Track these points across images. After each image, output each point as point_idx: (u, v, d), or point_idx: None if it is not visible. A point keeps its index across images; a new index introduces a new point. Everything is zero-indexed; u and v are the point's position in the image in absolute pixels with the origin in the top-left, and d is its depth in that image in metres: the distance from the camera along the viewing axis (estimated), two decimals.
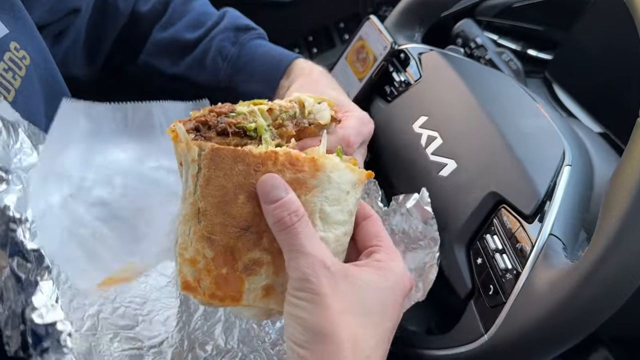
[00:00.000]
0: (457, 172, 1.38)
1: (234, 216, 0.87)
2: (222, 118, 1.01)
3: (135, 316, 1.28)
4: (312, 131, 1.14)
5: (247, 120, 1.04)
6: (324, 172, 0.87)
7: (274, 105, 1.09)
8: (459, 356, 1.23)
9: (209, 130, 1.00)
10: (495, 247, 1.24)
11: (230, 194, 0.86)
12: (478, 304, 1.25)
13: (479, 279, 1.26)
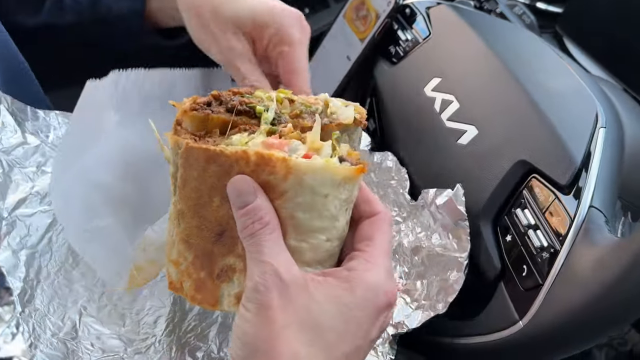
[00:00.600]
0: (478, 140, 1.23)
1: (209, 220, 0.83)
2: (236, 97, 0.98)
3: (123, 316, 1.14)
4: (331, 129, 1.01)
5: (261, 104, 0.98)
6: (296, 175, 0.79)
7: (297, 97, 1.01)
8: (491, 345, 1.11)
9: (219, 106, 0.96)
10: (528, 222, 1.10)
11: (205, 197, 0.83)
12: (509, 286, 1.12)
13: (509, 259, 1.13)
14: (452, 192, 1.20)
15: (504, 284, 1.13)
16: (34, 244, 1.13)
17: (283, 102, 0.99)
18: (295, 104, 1.00)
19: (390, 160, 1.38)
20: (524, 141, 1.17)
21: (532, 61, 1.29)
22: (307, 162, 0.81)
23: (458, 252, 1.17)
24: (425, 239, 1.24)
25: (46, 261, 1.13)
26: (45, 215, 1.17)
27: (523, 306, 1.06)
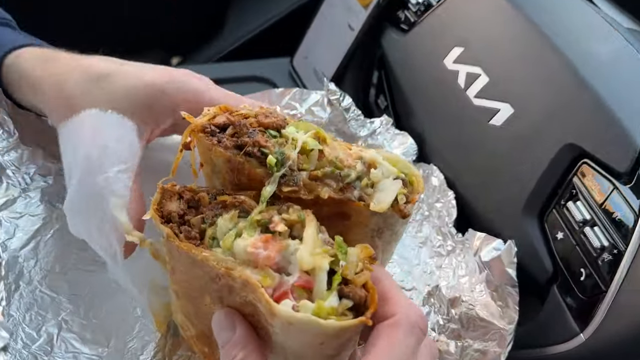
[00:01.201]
0: (515, 120, 1.07)
1: (204, 312, 0.80)
2: (255, 131, 0.81)
3: (108, 336, 1.01)
4: (357, 208, 0.82)
5: (279, 148, 0.80)
6: (281, 321, 0.69)
7: (329, 153, 0.81)
8: (550, 359, 0.98)
9: (232, 137, 0.81)
10: (582, 217, 0.95)
11: (195, 291, 0.80)
12: (565, 292, 0.98)
13: (563, 261, 0.98)
14: (502, 249, 1.03)
15: (557, 290, 0.99)
16: (16, 247, 1.04)
17: (311, 153, 0.81)
18: (324, 161, 0.81)
19: (435, 177, 1.22)
20: (570, 120, 1.01)
21: (572, 24, 1.11)
22: (290, 314, 0.68)
23: (503, 322, 1.01)
24: (468, 290, 1.08)
25: (30, 267, 1.04)
26: (35, 219, 1.08)
27: (583, 316, 0.93)
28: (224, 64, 1.72)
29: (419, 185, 0.84)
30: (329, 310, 0.69)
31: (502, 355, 0.98)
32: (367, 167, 0.83)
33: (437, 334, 1.07)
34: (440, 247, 1.18)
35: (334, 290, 0.71)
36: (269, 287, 0.71)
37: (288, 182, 0.79)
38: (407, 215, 0.82)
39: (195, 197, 0.81)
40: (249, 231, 0.75)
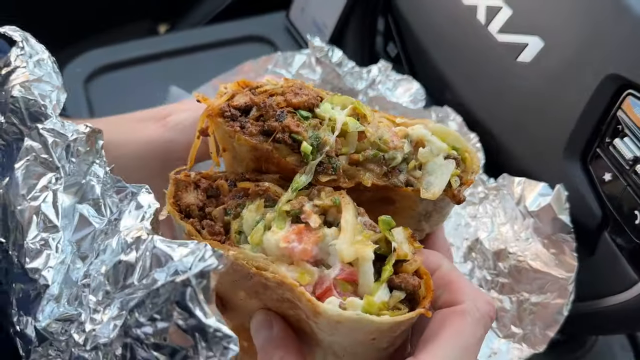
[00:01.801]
0: (546, 54, 0.97)
1: (240, 306, 0.75)
2: (284, 113, 0.70)
3: None
4: (404, 193, 0.72)
5: (313, 131, 0.69)
6: (328, 319, 0.62)
7: (371, 133, 0.71)
8: (607, 310, 0.91)
9: (257, 121, 0.70)
10: (632, 154, 0.86)
11: (228, 286, 0.73)
12: (618, 238, 0.90)
13: (612, 204, 0.90)
14: (551, 195, 0.94)
15: (609, 236, 0.91)
16: None
17: (350, 134, 0.71)
18: (366, 142, 0.71)
19: (452, 121, 1.12)
20: (609, 49, 0.91)
21: None
22: (338, 314, 0.60)
23: (561, 271, 0.94)
24: (513, 239, 1.00)
25: None
26: None
27: None
28: (215, 25, 1.60)
29: (474, 162, 0.73)
30: (380, 305, 0.62)
31: (564, 307, 0.91)
32: (414, 146, 0.72)
33: (486, 290, 1.00)
34: (471, 195, 1.10)
35: (383, 282, 0.63)
36: (309, 284, 0.63)
37: (326, 170, 0.69)
38: (461, 200, 0.72)
39: (214, 185, 0.72)
40: (278, 223, 0.66)
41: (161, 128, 0.86)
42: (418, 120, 0.75)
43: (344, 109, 0.73)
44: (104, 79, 1.39)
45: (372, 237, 0.65)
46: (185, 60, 1.47)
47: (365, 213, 0.68)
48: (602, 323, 0.93)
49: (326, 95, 0.75)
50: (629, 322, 0.92)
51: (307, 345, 0.77)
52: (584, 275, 0.93)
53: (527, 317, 0.95)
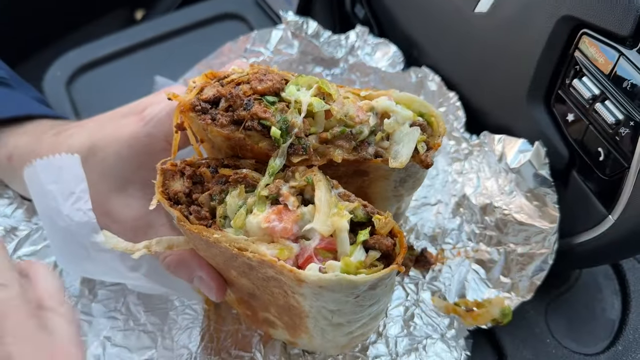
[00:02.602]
0: (500, 2, 0.97)
1: (235, 283, 0.82)
2: (251, 100, 0.73)
3: (154, 338, 1.01)
4: (375, 165, 0.76)
5: (281, 114, 0.73)
6: (311, 285, 0.68)
7: (337, 110, 0.74)
8: (581, 247, 0.94)
9: (226, 112, 0.74)
10: (591, 93, 0.88)
11: (221, 265, 0.80)
12: (586, 175, 0.92)
13: (577, 143, 0.92)
14: (530, 152, 0.96)
15: (577, 174, 0.94)
16: None
17: (317, 114, 0.74)
18: (333, 120, 0.74)
19: (431, 81, 1.14)
20: None
21: None
22: (318, 277, 0.66)
23: (544, 222, 0.97)
24: (497, 193, 1.03)
25: None
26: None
27: (609, 197, 0.88)
28: (187, 8, 1.61)
29: (440, 126, 0.76)
30: (357, 264, 0.67)
31: (549, 256, 0.95)
32: (380, 118, 0.75)
33: (475, 244, 1.04)
34: (456, 152, 1.13)
35: (359, 244, 0.68)
36: (288, 258, 0.68)
37: (297, 151, 0.73)
38: (429, 165, 0.76)
39: (197, 172, 0.77)
40: (259, 206, 0.71)
41: (140, 122, 0.90)
42: (382, 91, 0.78)
43: (310, 89, 0.76)
44: (86, 78, 1.41)
45: (347, 207, 0.70)
46: (163, 47, 1.49)
47: (339, 185, 0.73)
48: (580, 258, 0.96)
49: (291, 77, 0.78)
50: (603, 255, 0.95)
51: (297, 318, 0.83)
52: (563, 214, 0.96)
53: (514, 268, 0.99)
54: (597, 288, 1.06)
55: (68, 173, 0.88)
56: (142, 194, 0.91)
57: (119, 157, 0.90)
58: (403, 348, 0.97)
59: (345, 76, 1.22)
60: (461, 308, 0.98)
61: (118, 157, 0.90)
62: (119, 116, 0.95)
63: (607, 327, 1.02)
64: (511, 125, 1.02)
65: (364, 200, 0.90)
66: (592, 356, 0.98)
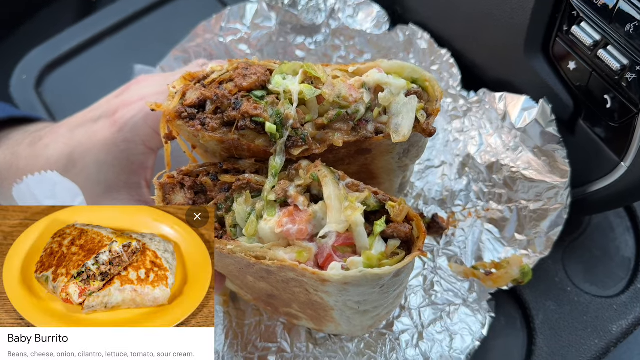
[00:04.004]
0: None
1: (251, 286, 0.82)
2: (239, 99, 0.70)
3: None
4: (376, 141, 0.72)
5: (272, 108, 0.70)
6: (335, 284, 0.67)
7: (329, 93, 0.70)
8: (595, 196, 0.92)
9: (214, 115, 0.70)
10: (592, 39, 0.84)
11: (235, 273, 0.79)
12: (593, 124, 0.90)
13: (582, 90, 0.89)
14: (536, 110, 0.92)
15: (584, 123, 0.91)
16: None
17: (309, 101, 0.70)
18: (326, 103, 0.70)
19: (421, 39, 1.08)
20: None
21: None
22: (343, 276, 0.65)
23: (555, 177, 0.94)
24: (503, 152, 0.99)
25: None
26: None
27: (620, 144, 0.86)
28: None
29: (436, 90, 0.72)
30: (378, 257, 0.66)
31: (564, 210, 0.94)
32: (374, 92, 0.72)
33: (485, 202, 1.03)
34: (454, 110, 1.09)
35: (377, 236, 0.67)
36: (309, 260, 0.67)
37: (295, 143, 0.70)
38: (432, 133, 0.72)
39: (198, 182, 0.74)
40: (269, 211, 0.69)
41: (113, 127, 0.87)
42: (370, 63, 0.74)
43: (296, 75, 0.72)
44: (55, 77, 1.33)
45: (358, 198, 0.67)
46: (131, 30, 1.41)
47: (346, 175, 0.70)
48: (593, 206, 0.95)
49: (274, 65, 0.74)
50: (617, 201, 0.94)
51: (322, 311, 0.82)
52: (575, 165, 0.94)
53: (528, 224, 0.98)
54: (610, 228, 1.06)
55: (62, 187, 0.86)
56: (127, 197, 0.89)
57: (99, 165, 0.88)
58: (427, 318, 0.97)
59: (329, 42, 1.16)
60: (480, 271, 0.98)
61: (98, 164, 0.88)
62: (90, 121, 0.91)
63: (624, 266, 1.03)
64: (510, 78, 0.98)
65: (369, 176, 0.88)
66: (613, 298, 0.99)
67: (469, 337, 0.95)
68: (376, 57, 1.15)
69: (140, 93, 0.89)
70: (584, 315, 0.98)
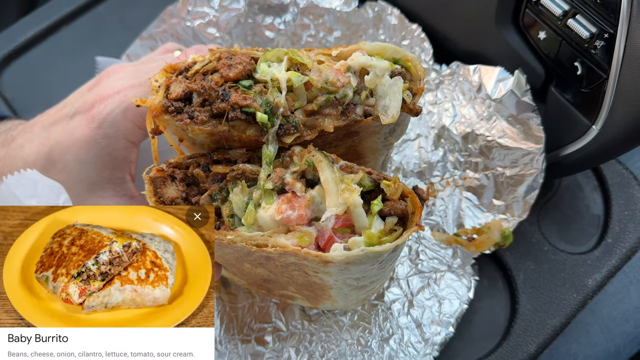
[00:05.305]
0: None
1: (247, 273, 0.83)
2: (227, 90, 0.69)
3: None
4: (366, 124, 0.73)
5: (261, 98, 0.69)
6: (337, 264, 0.69)
7: (316, 79, 0.70)
8: (568, 159, 0.97)
9: (202, 107, 0.70)
10: (562, 9, 0.88)
11: (232, 261, 0.80)
12: (564, 90, 0.94)
13: (552, 59, 0.93)
14: (511, 81, 0.95)
15: (555, 90, 0.95)
16: None
17: (297, 88, 0.70)
18: (314, 90, 0.71)
19: (390, 15, 1.09)
20: None
21: None
22: (346, 256, 0.67)
23: (530, 143, 0.97)
24: (477, 122, 1.02)
25: None
26: None
27: (591, 108, 0.90)
28: None
29: (418, 69, 0.73)
30: (378, 235, 0.68)
31: (539, 175, 0.98)
32: (360, 76, 0.73)
33: (461, 171, 1.06)
34: (427, 83, 1.11)
35: (375, 215, 0.69)
36: (310, 244, 0.68)
37: (287, 130, 0.70)
38: (419, 112, 0.74)
39: (189, 174, 0.74)
40: (266, 199, 0.70)
41: (92, 123, 0.85)
42: (353, 46, 0.75)
43: (281, 62, 0.72)
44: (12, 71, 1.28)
45: (353, 179, 0.69)
46: (89, 18, 1.36)
47: (339, 158, 0.72)
48: (566, 168, 1.00)
49: (257, 53, 0.73)
50: (588, 162, 0.99)
51: (320, 291, 0.84)
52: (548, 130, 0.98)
53: (505, 190, 1.02)
54: (579, 187, 1.11)
55: (44, 185, 0.84)
56: (112, 193, 0.87)
57: (80, 163, 0.86)
58: (416, 286, 1.01)
59: (298, 22, 1.16)
60: (462, 238, 1.02)
61: (78, 162, 0.86)
62: (65, 117, 0.88)
63: (594, 223, 1.09)
64: (482, 50, 1.01)
65: (355, 157, 0.90)
66: (587, 254, 1.05)
67: (457, 300, 1.00)
68: (346, 34, 1.16)
69: (115, 86, 0.87)
70: (561, 272, 1.03)
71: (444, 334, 0.97)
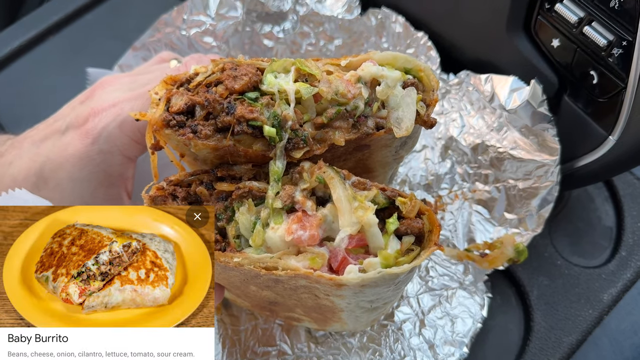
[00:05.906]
0: None
1: (252, 296, 0.79)
2: (232, 102, 0.65)
3: None
4: (378, 137, 0.69)
5: (268, 110, 0.65)
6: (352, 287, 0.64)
7: (326, 91, 0.66)
8: (583, 170, 0.94)
9: (205, 121, 0.66)
10: (577, 17, 0.84)
11: (237, 284, 0.76)
12: (578, 99, 0.91)
13: (567, 67, 0.90)
14: (526, 91, 0.91)
15: (569, 99, 0.92)
16: None
17: (306, 100, 0.66)
18: (323, 101, 0.67)
19: (395, 23, 1.05)
20: None
21: None
22: (361, 278, 0.62)
23: (544, 155, 0.93)
24: (487, 132, 0.98)
25: None
26: None
27: (607, 118, 0.87)
28: None
29: (431, 79, 0.70)
30: (395, 255, 0.64)
31: (554, 188, 0.94)
32: (371, 87, 0.69)
33: (470, 184, 1.02)
34: None
35: (391, 234, 0.65)
36: (323, 265, 0.64)
37: (296, 145, 0.66)
38: (433, 124, 0.70)
39: (191, 192, 0.70)
40: (275, 219, 0.66)
41: (86, 139, 0.80)
42: (363, 56, 0.71)
43: (288, 73, 0.68)
44: None
45: (367, 197, 0.65)
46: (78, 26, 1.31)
47: (351, 174, 0.67)
48: (580, 180, 0.97)
49: (263, 63, 0.69)
50: (604, 174, 0.96)
51: (330, 313, 0.80)
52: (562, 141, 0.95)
53: (517, 203, 0.98)
54: (589, 199, 1.09)
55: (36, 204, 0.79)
56: None
57: (73, 180, 0.81)
58: (426, 305, 0.97)
59: (298, 30, 1.12)
60: (474, 253, 0.98)
61: (71, 180, 0.81)
62: (57, 132, 0.84)
63: (606, 235, 1.06)
64: (492, 58, 0.97)
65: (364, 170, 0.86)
66: (601, 267, 1.02)
67: (470, 319, 0.96)
68: (347, 42, 1.12)
69: (110, 98, 0.82)
70: (576, 287, 1.00)
71: (458, 355, 0.93)
